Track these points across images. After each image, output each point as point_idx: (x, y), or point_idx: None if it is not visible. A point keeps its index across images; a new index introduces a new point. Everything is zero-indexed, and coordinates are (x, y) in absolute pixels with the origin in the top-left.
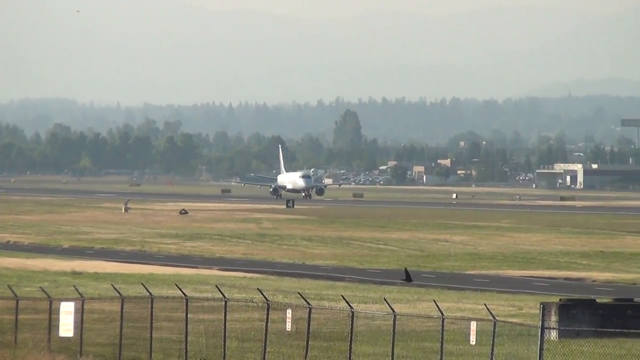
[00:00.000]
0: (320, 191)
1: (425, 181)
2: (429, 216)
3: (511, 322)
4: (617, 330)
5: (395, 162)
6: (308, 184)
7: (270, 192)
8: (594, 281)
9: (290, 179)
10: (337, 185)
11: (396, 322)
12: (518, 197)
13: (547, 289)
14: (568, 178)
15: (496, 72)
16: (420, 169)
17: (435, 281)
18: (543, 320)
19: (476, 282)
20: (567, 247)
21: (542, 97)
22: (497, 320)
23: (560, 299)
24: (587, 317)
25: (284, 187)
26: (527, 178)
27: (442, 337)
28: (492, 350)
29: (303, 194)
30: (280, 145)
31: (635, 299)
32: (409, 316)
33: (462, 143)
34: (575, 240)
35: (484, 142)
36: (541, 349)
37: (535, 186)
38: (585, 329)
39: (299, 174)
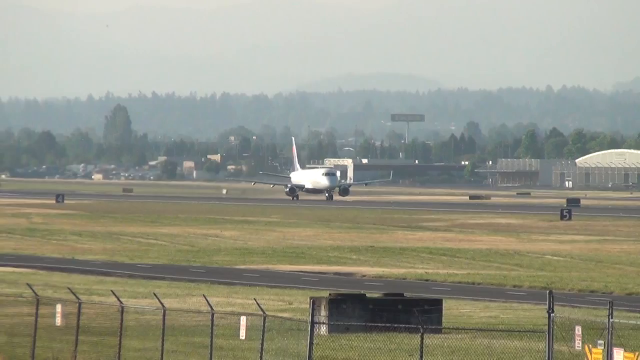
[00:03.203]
0: (344, 191)
1: (195, 176)
2: (199, 211)
3: (281, 317)
4: (387, 324)
5: (165, 158)
6: (333, 183)
7: (286, 192)
8: (364, 276)
9: (310, 177)
10: (364, 185)
11: (166, 317)
12: None
13: (317, 284)
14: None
15: (266, 66)
16: (190, 164)
17: (205, 276)
18: (313, 315)
19: (246, 277)
20: (337, 242)
21: (312, 92)
22: (267, 315)
23: (329, 294)
24: (357, 311)
25: (301, 187)
26: None
27: (212, 332)
28: (262, 344)
29: (326, 195)
30: (293, 139)
31: (405, 294)
32: (179, 311)
33: (232, 138)
34: (345, 235)
35: (254, 137)
36: (311, 343)
37: None
38: (355, 323)
39: (321, 171)
